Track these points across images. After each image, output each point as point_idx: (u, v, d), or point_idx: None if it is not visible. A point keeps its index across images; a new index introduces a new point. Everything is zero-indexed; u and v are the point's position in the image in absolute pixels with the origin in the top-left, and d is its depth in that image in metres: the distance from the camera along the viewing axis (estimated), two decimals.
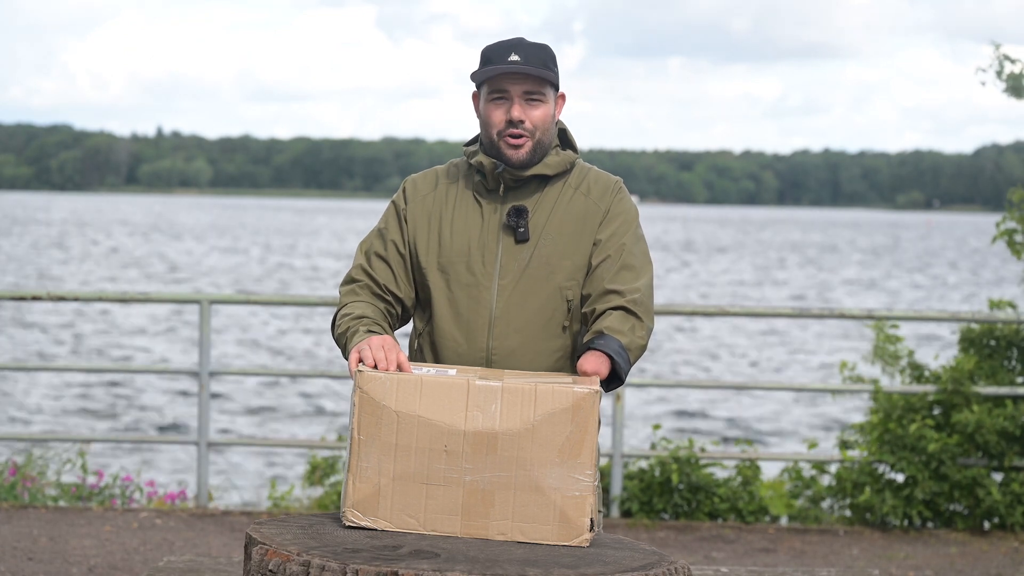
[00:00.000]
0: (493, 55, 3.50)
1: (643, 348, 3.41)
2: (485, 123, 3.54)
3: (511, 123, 3.48)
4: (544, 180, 3.55)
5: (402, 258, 3.56)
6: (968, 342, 8.12)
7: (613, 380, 3.32)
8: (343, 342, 3.43)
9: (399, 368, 3.20)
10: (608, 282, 3.43)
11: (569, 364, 3.53)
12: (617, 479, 7.85)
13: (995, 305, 8.13)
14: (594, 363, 3.26)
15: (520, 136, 3.49)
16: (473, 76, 3.54)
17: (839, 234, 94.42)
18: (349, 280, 3.58)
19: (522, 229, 3.48)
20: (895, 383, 8.27)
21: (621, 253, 3.48)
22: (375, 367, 3.20)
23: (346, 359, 3.36)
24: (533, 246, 3.49)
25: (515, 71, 3.45)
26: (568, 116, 3.67)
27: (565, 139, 3.62)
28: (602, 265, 3.47)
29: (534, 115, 3.49)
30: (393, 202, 3.62)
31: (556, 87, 3.55)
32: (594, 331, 3.37)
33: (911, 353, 8.28)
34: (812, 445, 8.32)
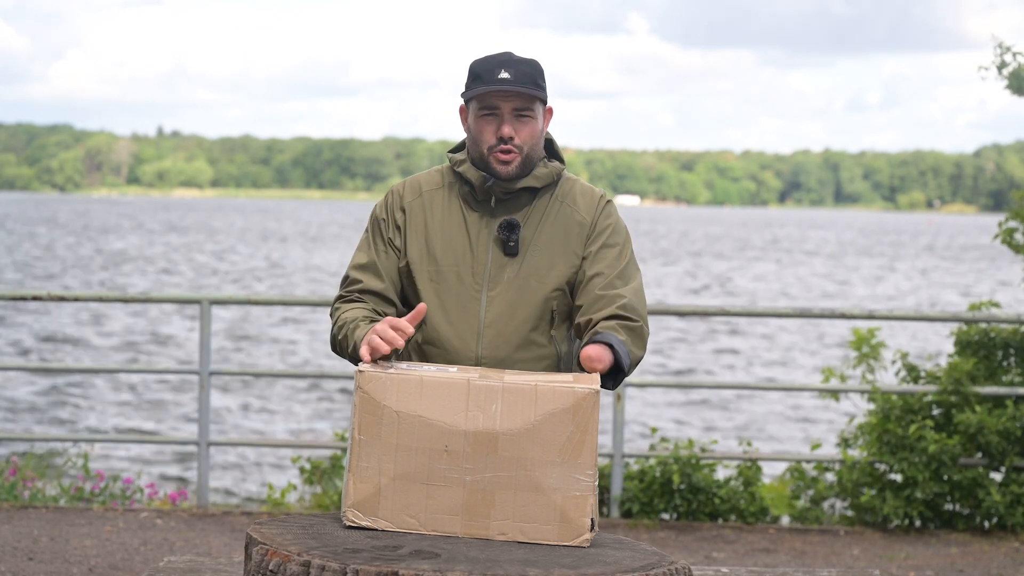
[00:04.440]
0: (482, 72, 3.50)
1: (642, 350, 3.43)
2: (475, 139, 3.55)
3: (501, 140, 3.50)
4: (533, 192, 3.57)
5: (391, 265, 3.58)
6: (964, 343, 8.12)
7: (617, 374, 3.32)
8: (346, 345, 3.44)
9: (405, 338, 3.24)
10: (600, 290, 3.47)
11: (555, 372, 3.54)
12: (617, 479, 7.85)
13: (975, 307, 8.11)
14: (597, 350, 3.26)
15: (510, 152, 3.50)
16: (464, 95, 3.55)
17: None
18: (338, 299, 3.60)
19: (512, 243, 3.51)
20: (892, 382, 8.27)
21: (611, 264, 3.52)
22: (391, 352, 3.21)
23: (352, 362, 3.39)
24: (522, 258, 3.52)
25: (505, 90, 3.47)
26: (570, 115, 3.68)
27: (551, 149, 3.64)
28: (594, 279, 3.50)
29: (523, 131, 3.51)
30: (376, 215, 3.62)
31: (544, 102, 3.56)
32: (591, 334, 3.39)
33: (905, 355, 8.28)
34: (816, 446, 8.32)
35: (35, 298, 7.96)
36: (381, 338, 3.22)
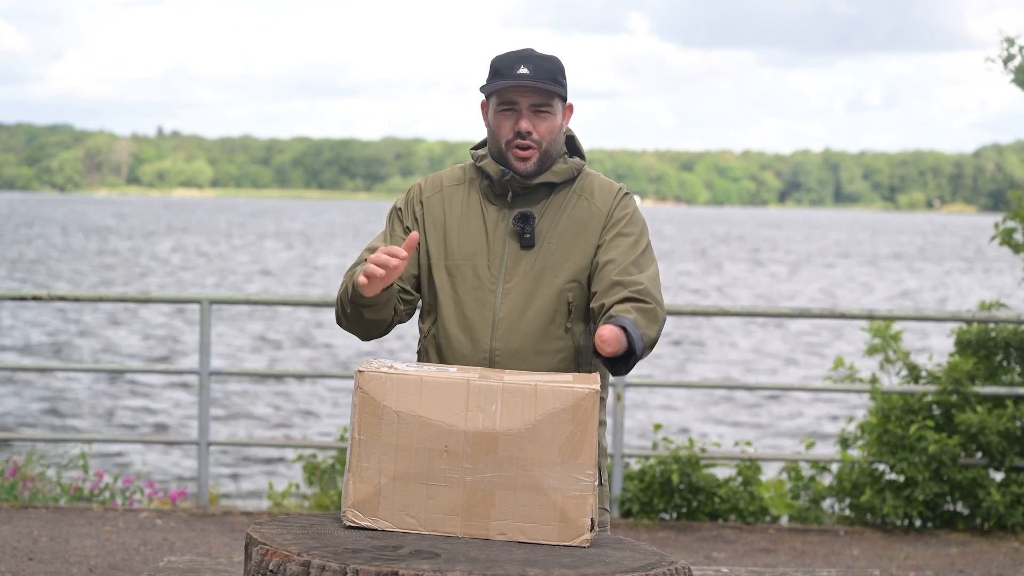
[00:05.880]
0: (502, 67, 3.53)
1: (658, 330, 3.40)
2: (494, 133, 3.57)
3: (519, 135, 3.52)
4: (551, 187, 3.59)
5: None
6: (964, 343, 8.11)
7: (629, 357, 3.28)
8: (347, 293, 3.47)
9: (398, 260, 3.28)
10: (616, 276, 3.46)
11: (572, 365, 3.55)
12: (617, 479, 7.86)
13: (987, 307, 8.11)
14: (610, 332, 3.20)
15: (528, 148, 3.52)
16: (483, 89, 3.58)
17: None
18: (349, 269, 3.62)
19: (527, 235, 3.52)
20: (893, 382, 8.27)
21: (625, 252, 3.51)
22: (384, 276, 3.25)
23: (356, 320, 3.47)
24: (538, 251, 3.54)
25: (524, 85, 3.49)
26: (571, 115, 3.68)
27: (573, 146, 3.66)
28: (608, 265, 3.49)
29: (541, 127, 3.53)
30: (395, 207, 3.66)
31: (564, 99, 3.58)
32: (605, 319, 3.38)
33: (907, 355, 8.28)
34: (810, 445, 8.32)
35: (35, 298, 7.96)
36: (375, 263, 3.26)
